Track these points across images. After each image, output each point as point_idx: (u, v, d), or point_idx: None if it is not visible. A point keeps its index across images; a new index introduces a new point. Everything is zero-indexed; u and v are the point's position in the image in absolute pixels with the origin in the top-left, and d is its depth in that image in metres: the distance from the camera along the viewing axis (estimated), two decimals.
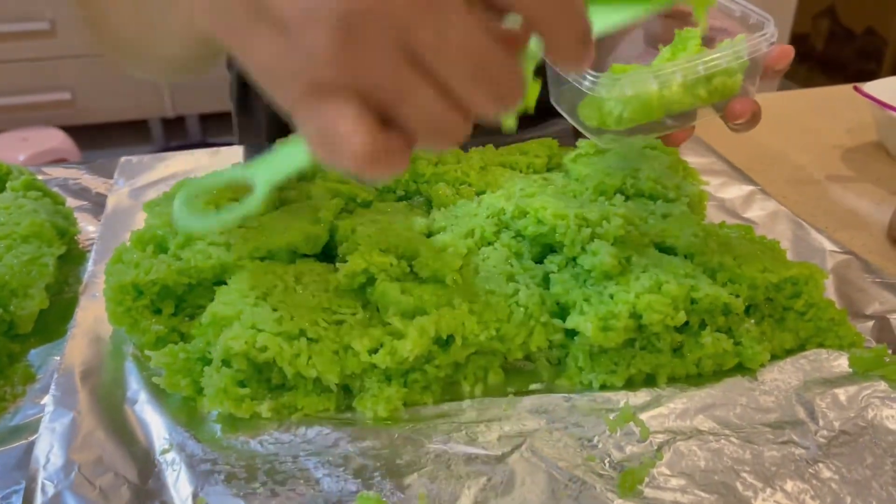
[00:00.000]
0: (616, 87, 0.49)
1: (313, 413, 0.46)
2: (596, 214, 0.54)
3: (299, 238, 0.54)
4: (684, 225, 0.56)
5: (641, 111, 0.50)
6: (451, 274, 0.50)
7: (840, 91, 0.95)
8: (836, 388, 0.48)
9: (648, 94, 0.49)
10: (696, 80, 0.50)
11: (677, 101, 0.50)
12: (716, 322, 0.50)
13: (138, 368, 0.49)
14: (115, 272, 0.51)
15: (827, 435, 0.44)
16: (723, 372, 0.50)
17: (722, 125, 0.55)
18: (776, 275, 0.51)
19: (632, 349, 0.49)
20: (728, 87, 0.51)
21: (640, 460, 0.43)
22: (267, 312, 0.47)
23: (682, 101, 0.51)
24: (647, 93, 0.49)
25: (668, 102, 0.50)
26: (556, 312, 0.50)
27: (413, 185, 0.64)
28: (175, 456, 0.43)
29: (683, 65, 0.49)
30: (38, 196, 0.63)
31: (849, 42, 2.78)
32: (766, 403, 0.47)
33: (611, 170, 0.63)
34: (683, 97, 0.50)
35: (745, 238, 0.57)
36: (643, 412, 0.46)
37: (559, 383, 0.49)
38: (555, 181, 0.64)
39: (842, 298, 0.56)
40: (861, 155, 0.80)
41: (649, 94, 0.49)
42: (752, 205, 0.69)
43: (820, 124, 0.88)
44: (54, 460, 0.42)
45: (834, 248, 0.61)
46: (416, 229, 0.55)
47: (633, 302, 0.48)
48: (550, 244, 0.55)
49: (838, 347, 0.51)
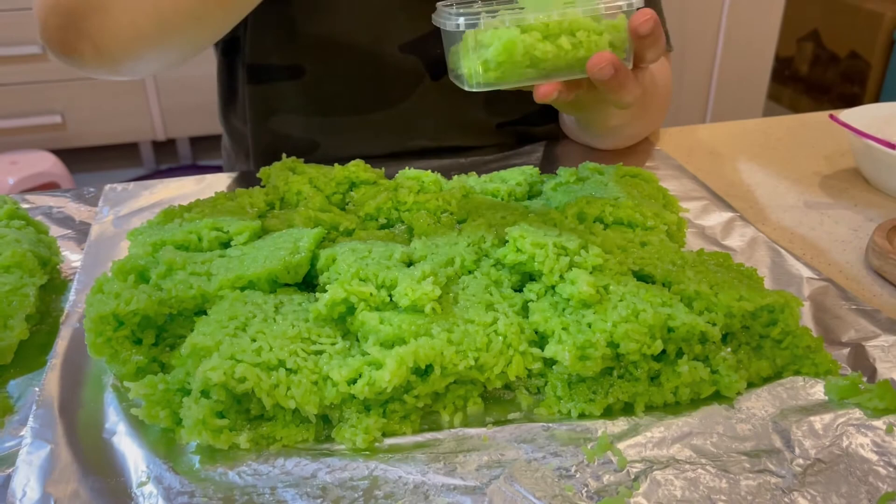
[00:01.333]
0: (471, 21, 0.53)
1: (292, 444, 0.46)
2: (574, 243, 0.54)
3: (280, 268, 0.54)
4: (662, 253, 0.57)
5: (504, 52, 0.52)
6: (431, 303, 0.50)
7: (818, 118, 0.97)
8: (812, 416, 0.48)
9: (509, 36, 0.52)
10: (559, 30, 0.53)
11: (540, 48, 0.53)
12: (693, 350, 0.50)
13: (118, 399, 0.49)
14: (95, 303, 0.51)
15: (803, 463, 0.45)
16: (700, 400, 0.50)
17: (699, 148, 0.56)
18: (752, 303, 0.52)
19: (610, 378, 0.50)
20: (594, 42, 0.54)
21: (618, 490, 0.43)
22: (246, 343, 0.47)
23: (546, 51, 0.53)
24: (507, 34, 0.52)
25: (530, 48, 0.53)
26: (535, 341, 0.51)
27: (395, 213, 0.65)
28: (153, 488, 0.43)
29: (540, 9, 0.53)
30: (22, 225, 0.63)
31: (833, 65, 2.82)
32: (743, 432, 0.47)
33: (591, 198, 0.63)
34: (546, 46, 0.53)
35: (723, 266, 0.58)
36: (621, 441, 0.47)
37: (538, 412, 0.49)
38: (535, 209, 0.64)
39: (818, 325, 0.56)
40: (839, 181, 0.81)
41: (509, 36, 0.52)
42: (731, 232, 0.69)
43: (798, 151, 0.89)
44: (31, 494, 0.42)
45: (811, 275, 0.62)
46: (396, 258, 0.55)
47: (611, 331, 0.48)
48: (530, 272, 0.55)
49: (814, 375, 0.52)
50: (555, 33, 0.53)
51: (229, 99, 0.92)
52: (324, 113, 0.85)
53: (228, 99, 0.92)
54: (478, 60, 0.54)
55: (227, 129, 0.96)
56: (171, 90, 2.27)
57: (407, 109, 0.85)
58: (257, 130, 0.87)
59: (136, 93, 2.25)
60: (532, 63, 0.54)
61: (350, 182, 0.69)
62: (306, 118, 0.85)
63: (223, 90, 0.92)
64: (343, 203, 0.68)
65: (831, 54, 2.82)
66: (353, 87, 0.84)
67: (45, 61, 2.12)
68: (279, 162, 0.72)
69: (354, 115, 0.85)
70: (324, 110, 0.85)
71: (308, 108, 0.85)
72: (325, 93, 0.84)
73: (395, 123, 0.85)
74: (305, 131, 0.86)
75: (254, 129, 0.87)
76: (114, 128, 2.30)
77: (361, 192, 0.68)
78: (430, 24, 0.56)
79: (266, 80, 0.84)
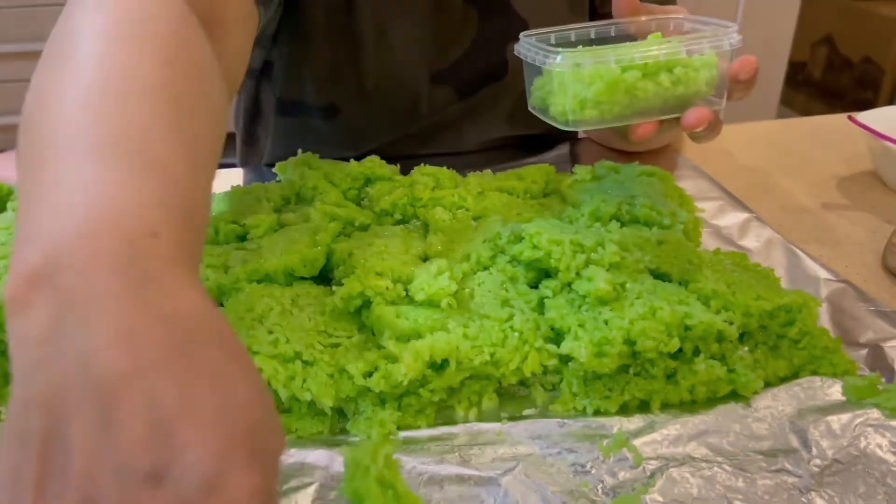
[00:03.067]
0: (576, 61, 0.51)
1: (307, 435, 0.46)
2: (591, 240, 0.54)
3: (296, 261, 0.54)
4: (679, 252, 0.57)
5: (606, 92, 0.52)
6: (447, 298, 0.50)
7: (836, 120, 0.96)
8: (830, 416, 0.48)
9: (611, 75, 0.51)
10: (658, 67, 0.52)
11: (641, 87, 0.52)
12: (709, 349, 0.50)
13: None
14: None
15: (820, 464, 0.44)
16: (716, 399, 0.50)
17: (714, 149, 0.56)
18: (770, 302, 0.52)
19: (626, 375, 0.49)
20: (690, 79, 0.53)
21: (633, 487, 0.43)
22: (263, 335, 0.47)
23: (646, 88, 0.52)
24: (609, 74, 0.51)
25: (631, 88, 0.52)
26: (551, 338, 0.51)
27: (410, 209, 0.65)
28: None
29: (642, 48, 0.52)
30: None
31: (846, 71, 2.81)
32: (760, 431, 0.47)
33: (606, 196, 0.63)
34: (646, 84, 0.52)
35: (740, 265, 0.57)
36: (636, 438, 0.47)
37: (553, 409, 0.49)
38: (551, 207, 0.64)
39: (836, 326, 0.56)
40: (856, 184, 0.81)
41: (612, 75, 0.51)
42: (747, 232, 0.69)
43: (816, 153, 0.88)
44: None
45: (828, 277, 0.61)
46: (412, 253, 0.55)
47: (628, 328, 0.48)
48: (546, 269, 0.55)
49: (832, 375, 0.51)
50: (653, 71, 0.52)
51: (255, 113, 0.89)
52: (354, 145, 0.83)
53: (254, 113, 0.90)
54: (573, 99, 0.52)
55: (244, 135, 0.93)
56: None
57: (431, 126, 0.84)
58: (278, 151, 0.85)
59: None
60: (629, 101, 0.53)
61: (366, 178, 0.69)
62: (333, 148, 0.82)
63: (249, 106, 0.89)
64: (359, 199, 0.68)
65: (845, 59, 2.81)
66: (384, 119, 0.82)
67: None
68: (295, 157, 0.72)
69: (383, 143, 0.83)
70: (354, 142, 0.83)
71: (338, 141, 0.83)
72: (356, 126, 0.82)
73: (416, 139, 0.84)
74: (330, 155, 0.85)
75: (276, 153, 0.86)
76: None
77: (377, 187, 0.68)
78: (460, 50, 0.54)
79: (296, 115, 0.82)
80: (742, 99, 0.57)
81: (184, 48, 0.41)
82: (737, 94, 0.56)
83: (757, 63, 0.54)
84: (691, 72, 0.53)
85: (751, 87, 0.56)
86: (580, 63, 0.51)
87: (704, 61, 0.54)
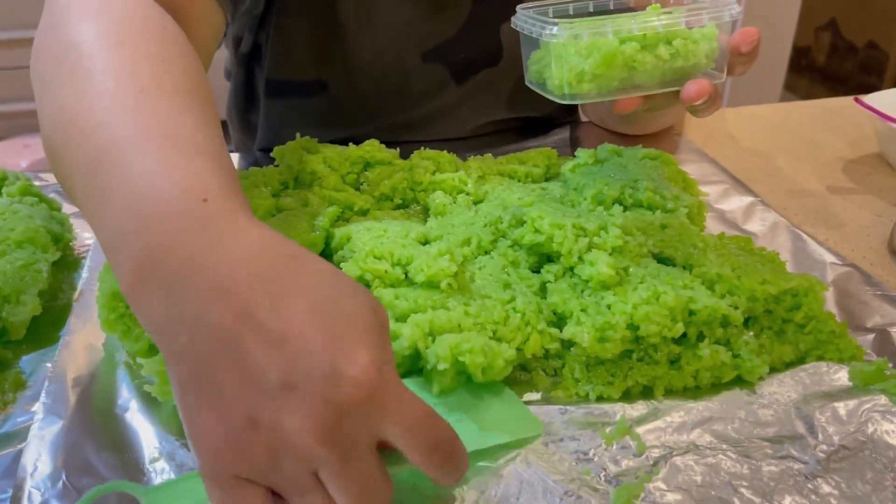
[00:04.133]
0: (574, 32, 0.51)
1: None
2: (594, 224, 0.53)
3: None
4: (683, 236, 0.56)
5: (603, 65, 0.51)
6: (447, 279, 0.49)
7: (841, 103, 0.95)
8: (836, 402, 0.47)
9: (609, 47, 0.50)
10: (656, 39, 0.51)
11: (639, 59, 0.51)
12: (714, 334, 0.49)
13: (130, 376, 0.49)
14: (107, 279, 0.50)
15: (826, 450, 0.44)
16: (721, 385, 0.49)
17: (719, 132, 0.54)
18: (776, 286, 0.51)
19: (629, 360, 0.49)
20: (690, 51, 0.52)
21: (636, 475, 0.42)
22: None
23: (644, 61, 0.51)
24: (607, 46, 0.50)
25: (629, 60, 0.51)
26: (553, 322, 0.50)
27: (410, 193, 0.64)
28: (165, 465, 0.42)
29: (640, 19, 0.51)
30: (34, 202, 0.63)
31: (850, 55, 2.79)
32: (765, 417, 0.46)
33: (609, 180, 0.62)
34: (644, 56, 0.51)
35: (745, 249, 0.56)
36: (640, 425, 0.46)
37: (555, 394, 0.48)
38: (553, 191, 0.63)
39: (842, 311, 0.55)
40: (862, 167, 0.80)
41: (609, 47, 0.50)
42: (752, 216, 0.68)
43: (821, 136, 0.87)
44: (42, 468, 0.41)
45: (834, 261, 0.60)
46: (412, 237, 0.54)
47: (631, 313, 0.47)
48: (547, 254, 0.54)
49: (838, 360, 0.51)
50: (652, 43, 0.51)
51: (248, 97, 0.88)
52: (344, 125, 0.83)
53: (247, 97, 0.89)
54: (570, 71, 0.51)
55: (238, 123, 0.92)
56: None
57: (428, 113, 0.83)
58: (269, 138, 0.84)
59: None
60: (628, 74, 0.52)
61: (365, 162, 0.68)
62: (324, 131, 0.82)
63: (241, 90, 0.88)
64: (358, 183, 0.67)
65: (849, 44, 2.78)
66: (375, 98, 0.81)
67: None
68: (293, 141, 0.71)
69: (375, 125, 0.83)
70: (344, 122, 0.83)
71: (328, 121, 0.83)
72: (346, 106, 0.82)
73: (415, 126, 0.84)
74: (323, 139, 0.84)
75: (265, 136, 0.85)
76: None
77: (376, 171, 0.67)
78: (452, 28, 0.53)
79: (286, 96, 0.82)
80: (744, 73, 0.56)
81: (171, 43, 0.45)
82: (739, 69, 0.55)
83: (758, 35, 0.53)
84: (690, 44, 0.52)
85: (752, 61, 0.55)
86: (577, 34, 0.50)
87: (704, 34, 0.52)
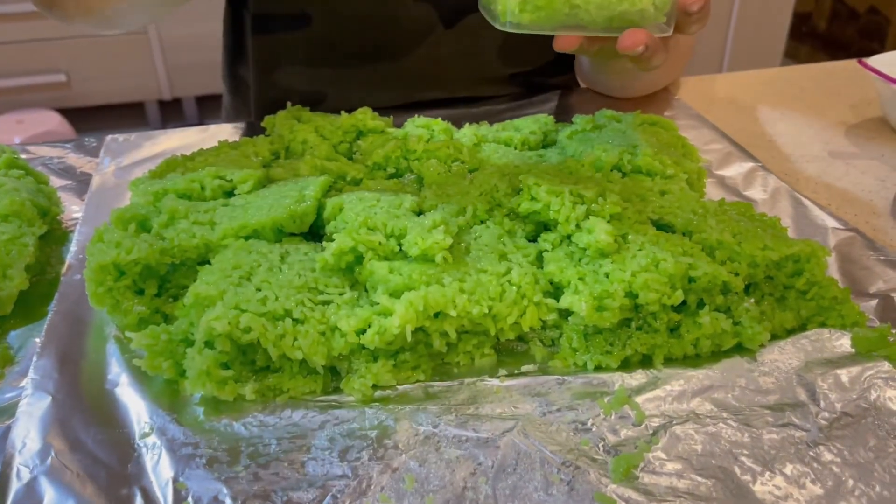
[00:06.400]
0: None
1: (299, 395, 0.45)
2: (591, 191, 0.52)
3: (285, 216, 0.52)
4: (682, 202, 0.55)
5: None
6: (442, 252, 0.48)
7: (844, 66, 0.93)
8: (839, 369, 0.46)
9: None
10: None
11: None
12: (714, 301, 0.48)
13: (120, 351, 0.48)
14: (95, 252, 0.49)
15: (828, 417, 0.43)
16: (721, 353, 0.48)
17: (719, 97, 0.53)
18: (777, 252, 0.50)
19: (627, 329, 0.48)
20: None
21: (636, 445, 0.42)
22: (251, 292, 0.46)
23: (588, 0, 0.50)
24: None
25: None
26: (550, 292, 0.49)
27: (404, 162, 0.63)
28: (156, 440, 0.42)
29: None
30: (21, 175, 0.62)
31: (852, 21, 2.75)
32: (766, 385, 0.46)
33: (608, 146, 0.61)
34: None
35: (745, 215, 0.55)
36: (639, 395, 0.45)
37: (553, 365, 0.48)
38: (550, 158, 0.62)
39: (845, 276, 0.54)
40: (865, 131, 0.78)
41: None
42: (752, 182, 0.67)
43: (823, 100, 0.86)
44: (31, 445, 0.41)
45: (837, 226, 0.59)
46: (406, 207, 0.53)
47: (629, 280, 0.46)
48: (544, 222, 0.53)
49: (840, 327, 0.50)
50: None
51: (237, 51, 0.89)
52: (331, 64, 0.82)
53: (236, 51, 0.89)
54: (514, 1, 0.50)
55: (230, 84, 0.93)
56: (176, 49, 2.23)
57: (417, 59, 0.82)
58: (262, 84, 0.84)
59: (141, 51, 2.22)
60: (571, 12, 0.50)
61: (357, 131, 0.67)
62: (313, 70, 0.82)
63: (230, 42, 0.89)
64: (350, 152, 0.66)
65: (850, 10, 2.74)
66: (361, 36, 0.81)
67: (50, 19, 2.09)
68: (284, 111, 0.69)
69: (363, 66, 0.82)
70: (331, 61, 0.82)
71: (315, 59, 0.82)
72: (332, 42, 0.81)
73: (404, 74, 0.83)
74: (312, 83, 0.83)
75: (258, 82, 0.85)
76: (119, 86, 2.26)
77: (369, 140, 0.65)
78: None
79: (272, 31, 0.81)
80: (696, 32, 0.55)
81: None
82: (691, 27, 0.54)
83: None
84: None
85: (704, 20, 0.53)
86: None
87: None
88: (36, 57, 2.15)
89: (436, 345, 0.46)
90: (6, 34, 2.10)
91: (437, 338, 0.46)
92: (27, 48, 2.13)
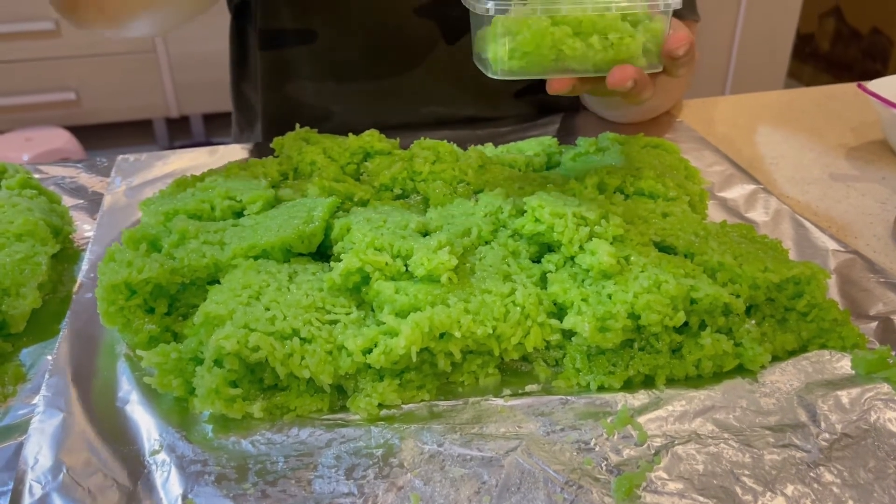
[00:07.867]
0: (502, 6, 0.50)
1: (306, 414, 0.46)
2: (595, 213, 0.53)
3: (294, 237, 0.53)
4: (685, 224, 0.56)
5: (532, 42, 0.50)
6: (447, 273, 0.49)
7: (845, 89, 0.94)
8: (839, 391, 0.47)
9: (538, 25, 0.50)
10: (592, 28, 0.51)
11: (569, 44, 0.51)
12: (716, 322, 0.49)
13: (131, 369, 0.49)
14: (107, 271, 0.50)
15: (829, 438, 0.44)
16: (723, 373, 0.49)
17: (721, 120, 0.54)
18: (778, 274, 0.50)
19: (630, 350, 0.48)
20: (626, 45, 0.51)
21: (638, 464, 0.42)
22: (259, 311, 0.46)
23: (574, 47, 0.51)
24: (537, 24, 0.50)
25: (558, 42, 0.51)
26: (554, 312, 0.50)
27: (410, 183, 0.64)
28: (165, 457, 0.42)
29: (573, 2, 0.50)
30: (34, 195, 0.63)
31: (854, 42, 2.77)
32: (767, 406, 0.46)
33: (611, 168, 0.62)
34: (575, 42, 0.51)
35: (747, 237, 0.56)
36: (641, 415, 0.46)
37: (556, 385, 0.48)
38: (553, 180, 0.63)
39: (845, 298, 0.55)
40: (866, 154, 0.79)
41: (539, 25, 0.50)
42: (754, 204, 0.68)
43: (824, 123, 0.87)
44: (43, 461, 0.41)
45: (837, 248, 0.60)
46: (411, 228, 0.54)
47: (632, 302, 0.47)
48: (548, 243, 0.54)
49: (841, 349, 0.50)
50: (587, 31, 0.51)
51: (241, 66, 0.91)
52: (336, 79, 0.83)
53: (241, 66, 0.91)
54: (504, 47, 0.51)
55: (237, 100, 0.95)
56: (184, 67, 2.26)
57: (421, 75, 0.83)
58: (269, 99, 0.86)
59: (149, 69, 2.24)
60: (558, 57, 0.52)
61: (364, 152, 0.68)
62: (318, 84, 0.84)
63: (235, 57, 0.91)
64: (357, 173, 0.67)
65: (853, 31, 2.76)
66: (366, 52, 0.82)
67: (60, 37, 2.12)
68: (293, 132, 0.70)
69: (367, 81, 0.83)
70: (336, 76, 0.83)
71: (320, 75, 0.83)
72: (337, 58, 0.82)
73: (408, 90, 0.84)
74: (317, 99, 0.85)
75: (265, 97, 0.86)
76: (128, 104, 2.29)
77: (376, 162, 0.66)
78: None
79: (278, 46, 0.83)
80: (685, 76, 0.56)
81: None
82: (679, 71, 0.55)
83: (690, 38, 0.53)
84: (627, 38, 0.51)
85: (692, 63, 0.55)
86: (506, 9, 0.50)
87: (646, 26, 0.52)
88: (46, 75, 2.18)
89: (441, 365, 0.47)
90: (17, 52, 2.13)
91: (441, 358, 0.47)
92: (38, 66, 2.16)
